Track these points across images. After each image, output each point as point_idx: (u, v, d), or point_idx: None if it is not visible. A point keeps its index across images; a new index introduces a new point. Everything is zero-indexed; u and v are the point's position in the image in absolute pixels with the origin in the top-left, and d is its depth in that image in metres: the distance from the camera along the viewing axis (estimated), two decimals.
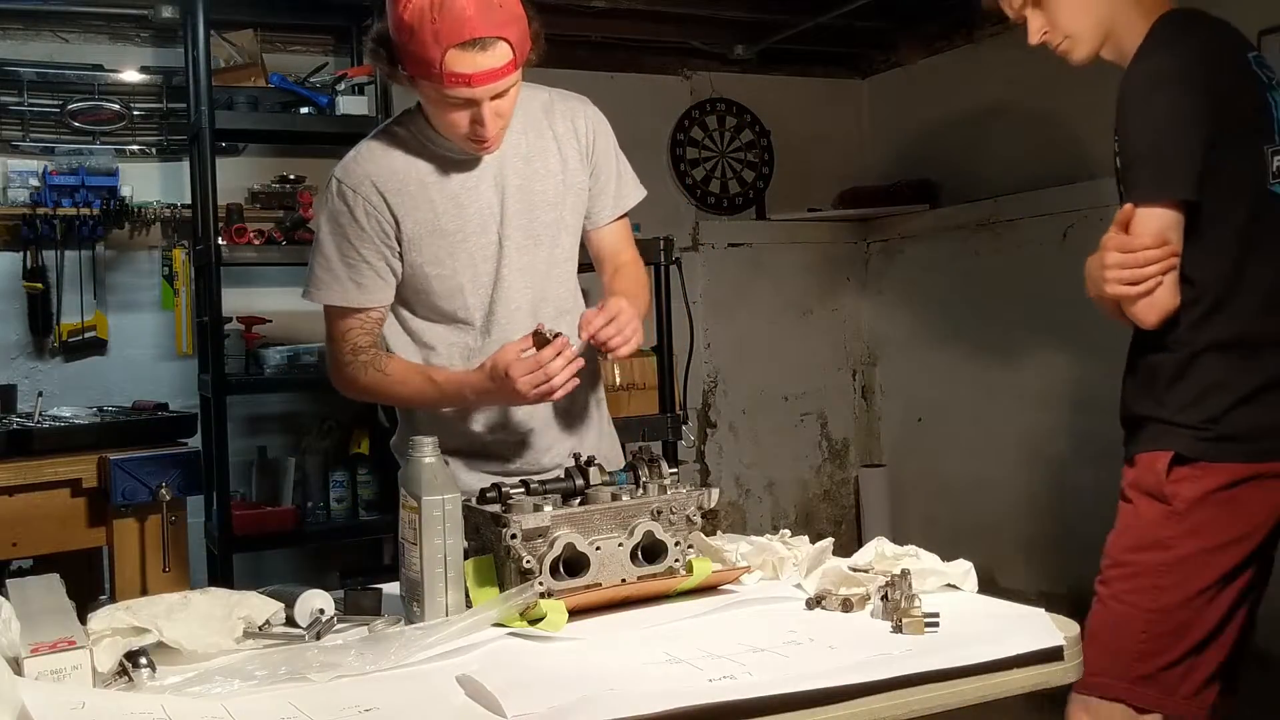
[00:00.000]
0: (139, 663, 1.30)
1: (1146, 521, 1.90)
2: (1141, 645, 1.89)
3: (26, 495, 2.51)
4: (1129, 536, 1.93)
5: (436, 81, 1.74)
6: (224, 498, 3.59)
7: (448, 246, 1.92)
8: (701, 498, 1.62)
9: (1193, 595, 1.87)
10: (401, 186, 1.91)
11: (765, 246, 5.01)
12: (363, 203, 1.89)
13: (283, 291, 4.05)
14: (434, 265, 1.93)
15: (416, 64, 1.75)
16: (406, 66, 1.78)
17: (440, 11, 1.69)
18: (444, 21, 1.69)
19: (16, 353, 3.80)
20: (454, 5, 1.69)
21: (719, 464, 4.93)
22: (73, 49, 3.90)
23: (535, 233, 1.98)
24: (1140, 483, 1.92)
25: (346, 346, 1.96)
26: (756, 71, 4.97)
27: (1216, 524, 1.86)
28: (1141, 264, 1.81)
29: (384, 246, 1.92)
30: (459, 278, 1.94)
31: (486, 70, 1.73)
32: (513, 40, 1.75)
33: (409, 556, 1.49)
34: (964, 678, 1.27)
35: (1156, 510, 1.89)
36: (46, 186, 3.74)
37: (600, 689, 1.19)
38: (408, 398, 1.99)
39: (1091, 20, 1.89)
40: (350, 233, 1.90)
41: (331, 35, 4.27)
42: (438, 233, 1.92)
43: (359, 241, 1.91)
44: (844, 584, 1.54)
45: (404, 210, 1.91)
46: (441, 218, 1.92)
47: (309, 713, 1.18)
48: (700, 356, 4.58)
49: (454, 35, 1.70)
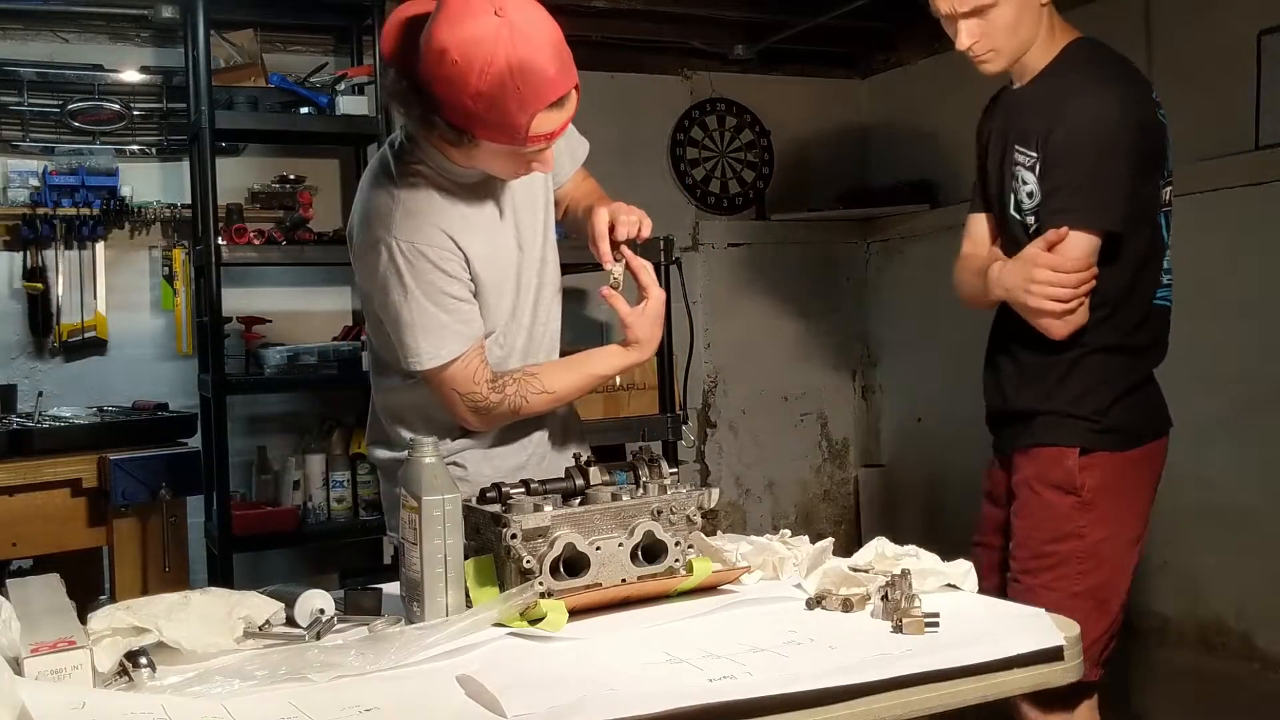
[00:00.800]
0: (139, 663, 1.30)
1: (1059, 514, 2.06)
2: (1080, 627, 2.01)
3: (26, 495, 2.51)
4: (1045, 529, 2.07)
5: (519, 144, 1.69)
6: (224, 498, 3.58)
7: (486, 261, 1.91)
8: (701, 498, 1.62)
9: (1111, 574, 2.07)
10: (459, 225, 1.87)
11: (765, 246, 5.00)
12: (440, 252, 1.84)
13: (283, 291, 4.05)
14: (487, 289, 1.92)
15: (495, 130, 1.68)
16: (478, 134, 1.70)
17: (523, 78, 1.62)
18: (529, 88, 1.63)
19: (16, 353, 3.80)
20: (535, 67, 1.63)
21: (719, 464, 4.92)
22: (73, 49, 3.90)
23: (535, 223, 2.01)
24: (1046, 476, 2.08)
25: (482, 387, 1.89)
26: (756, 71, 4.96)
27: (1119, 506, 2.07)
28: (1073, 285, 1.97)
29: (469, 282, 1.89)
30: (494, 290, 1.93)
31: (564, 122, 1.73)
32: (578, 84, 1.73)
33: (409, 556, 1.49)
34: (964, 678, 1.27)
35: (1067, 502, 2.05)
36: (46, 186, 3.74)
37: (600, 689, 1.19)
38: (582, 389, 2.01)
39: (1017, 40, 2.02)
40: (441, 284, 1.84)
41: (331, 35, 4.27)
42: (486, 256, 1.91)
43: (451, 288, 1.85)
44: (844, 584, 1.54)
45: (467, 244, 1.88)
46: (480, 239, 1.91)
47: (309, 713, 1.18)
48: (700, 356, 4.58)
49: (541, 100, 1.65)
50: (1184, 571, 3.96)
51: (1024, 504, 2.12)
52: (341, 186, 4.28)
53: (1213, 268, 3.72)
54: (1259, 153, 3.71)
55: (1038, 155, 2.03)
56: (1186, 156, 3.85)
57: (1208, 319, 3.71)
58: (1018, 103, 2.11)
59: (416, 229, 1.83)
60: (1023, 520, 2.11)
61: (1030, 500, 2.11)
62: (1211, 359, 3.75)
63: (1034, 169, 2.04)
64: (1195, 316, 3.71)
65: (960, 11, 1.98)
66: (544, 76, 1.64)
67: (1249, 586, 3.81)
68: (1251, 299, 3.72)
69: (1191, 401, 3.90)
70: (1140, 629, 4.07)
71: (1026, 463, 2.13)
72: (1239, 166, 3.74)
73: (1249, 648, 3.83)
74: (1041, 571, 2.07)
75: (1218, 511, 3.84)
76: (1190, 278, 3.63)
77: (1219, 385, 3.76)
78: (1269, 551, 3.71)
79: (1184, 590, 3.97)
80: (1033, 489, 2.10)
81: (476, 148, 1.75)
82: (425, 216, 1.84)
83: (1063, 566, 2.05)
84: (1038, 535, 2.08)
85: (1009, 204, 2.10)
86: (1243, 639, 3.85)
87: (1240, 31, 3.78)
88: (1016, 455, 2.17)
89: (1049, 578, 2.06)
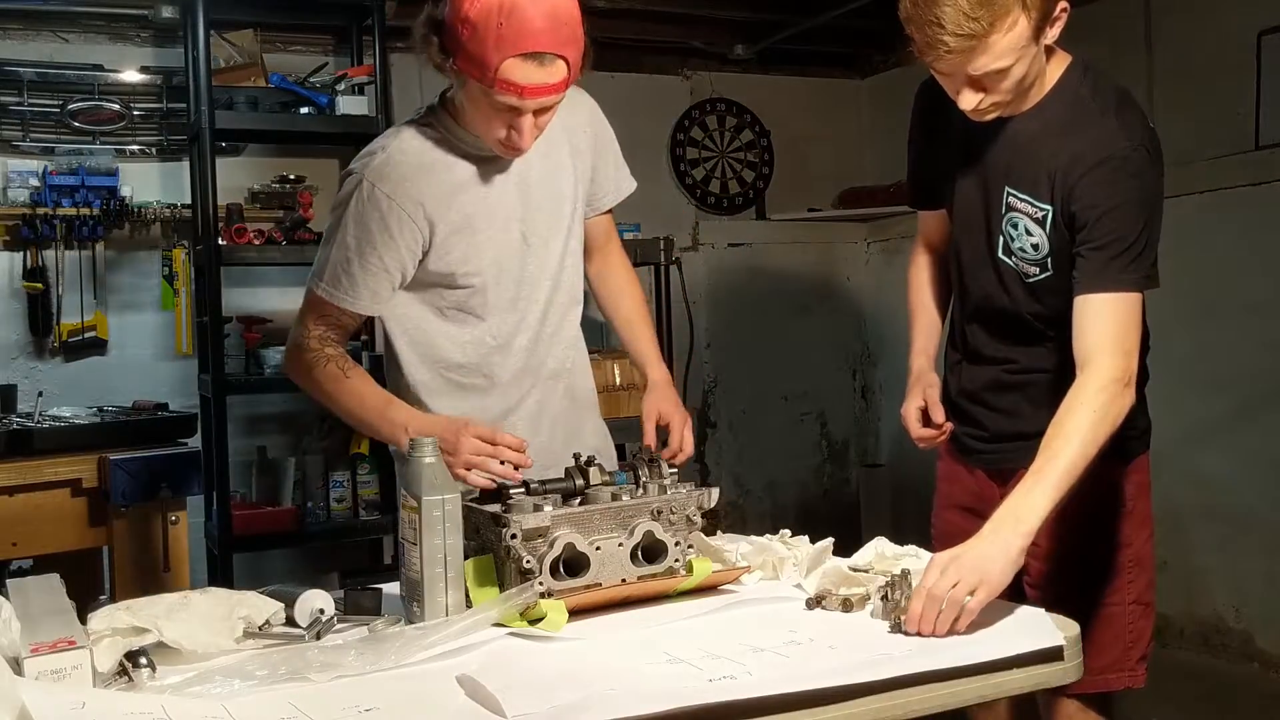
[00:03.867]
0: (139, 663, 1.30)
1: (1108, 526, 2.00)
2: (1133, 633, 1.99)
3: (26, 495, 2.51)
4: (1096, 544, 2.00)
5: (486, 84, 1.72)
6: (224, 498, 3.58)
7: (476, 245, 1.92)
8: (701, 498, 1.62)
9: (1151, 575, 2.04)
10: (437, 192, 1.88)
11: (765, 246, 5.00)
12: (398, 211, 1.85)
13: (283, 291, 4.05)
14: (462, 264, 1.91)
15: (470, 62, 1.72)
16: (458, 61, 1.74)
17: (508, 17, 1.66)
18: (510, 28, 1.66)
19: (16, 353, 3.80)
20: (524, 14, 1.66)
21: (719, 464, 4.92)
22: (73, 49, 3.90)
23: (553, 226, 1.99)
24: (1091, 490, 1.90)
25: (315, 333, 1.91)
26: (756, 71, 4.97)
27: (1147, 506, 2.03)
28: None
29: (408, 255, 1.88)
30: (484, 275, 1.93)
31: (539, 85, 1.72)
32: (570, 60, 1.73)
33: (409, 556, 1.48)
34: (964, 678, 1.27)
35: (1114, 513, 1.99)
36: (46, 186, 3.74)
37: (600, 689, 1.19)
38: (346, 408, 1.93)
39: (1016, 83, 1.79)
40: (378, 239, 1.86)
41: (331, 35, 4.27)
42: (468, 231, 1.91)
43: (385, 249, 1.86)
44: (844, 584, 1.54)
45: (439, 215, 1.88)
46: (472, 218, 1.91)
47: (309, 713, 1.18)
48: (700, 356, 4.59)
49: (516, 45, 1.68)
50: (1184, 571, 3.96)
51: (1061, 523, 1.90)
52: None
53: (1213, 268, 3.72)
54: (1259, 153, 3.71)
55: (1050, 210, 1.85)
56: (1186, 157, 3.86)
57: (1208, 319, 3.71)
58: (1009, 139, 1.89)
59: (388, 180, 1.86)
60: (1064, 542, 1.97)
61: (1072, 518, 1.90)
62: (1212, 359, 3.75)
63: (1044, 222, 1.86)
64: (1195, 316, 3.73)
65: (973, 77, 1.75)
66: (528, 25, 1.67)
67: (1249, 586, 3.81)
68: (1251, 299, 3.71)
69: (1192, 401, 3.92)
70: None
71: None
72: (1239, 166, 3.74)
73: (1249, 648, 3.83)
74: (1096, 588, 1.98)
75: (1218, 511, 3.84)
76: (1190, 278, 3.65)
77: (1219, 385, 3.76)
78: (1269, 551, 3.71)
79: (1184, 590, 3.97)
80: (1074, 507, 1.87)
81: (462, 88, 1.79)
82: (405, 175, 1.86)
83: (1117, 578, 1.99)
84: (1090, 552, 1.99)
85: (996, 246, 1.93)
86: (1243, 639, 3.86)
87: (1240, 31, 3.78)
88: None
89: (1107, 592, 1.98)
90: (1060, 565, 2.00)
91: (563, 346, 2.05)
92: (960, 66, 1.72)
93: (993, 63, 1.70)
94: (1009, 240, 1.91)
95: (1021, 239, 1.89)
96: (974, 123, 1.87)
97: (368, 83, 3.94)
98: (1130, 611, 1.98)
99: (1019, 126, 1.87)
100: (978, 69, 1.72)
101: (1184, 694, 3.66)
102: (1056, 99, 1.85)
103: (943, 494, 2.22)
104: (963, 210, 1.99)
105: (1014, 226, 1.90)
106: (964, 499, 2.14)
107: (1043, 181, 1.84)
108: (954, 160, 1.99)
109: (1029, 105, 1.86)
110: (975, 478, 2.12)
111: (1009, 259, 1.92)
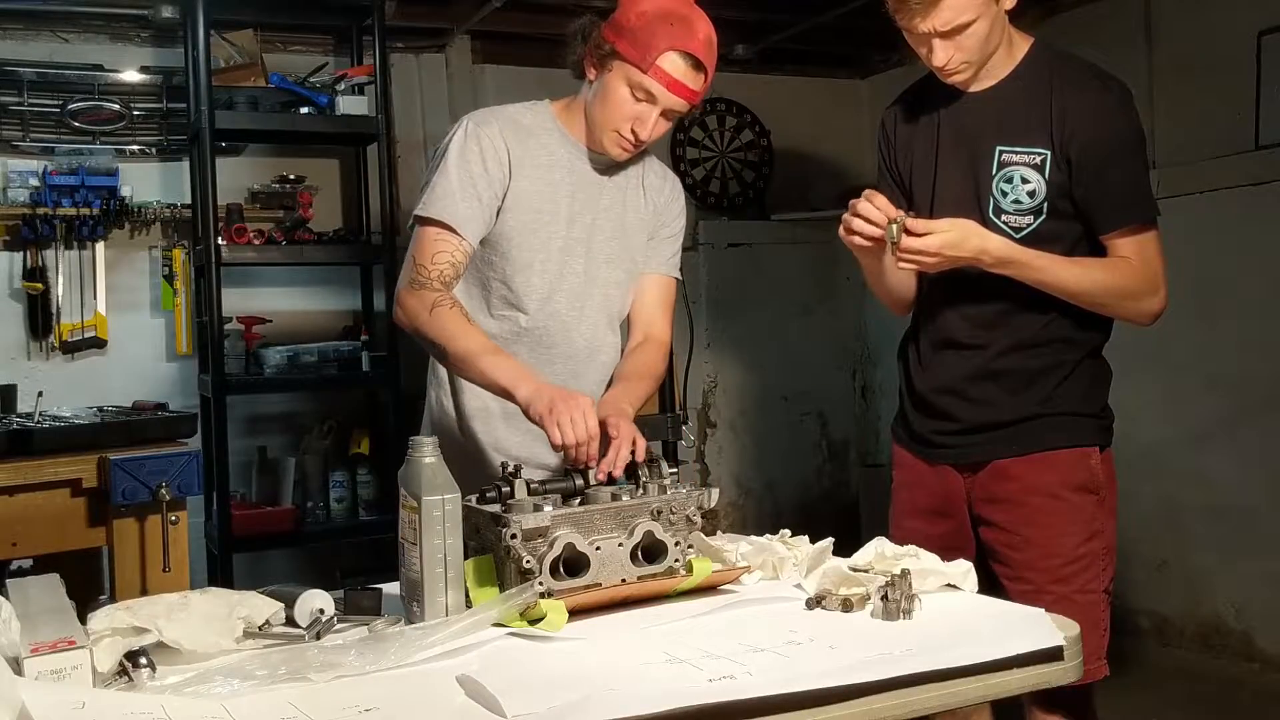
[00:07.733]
0: (139, 663, 1.30)
1: (1086, 515, 2.04)
2: (1103, 623, 2.04)
3: (26, 495, 2.51)
4: (1075, 533, 2.03)
5: (644, 68, 1.92)
6: (224, 498, 3.59)
7: (534, 222, 2.04)
8: (701, 498, 1.62)
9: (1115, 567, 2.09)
10: (524, 152, 2.04)
11: (765, 246, 5.01)
12: (492, 148, 2.02)
13: (283, 291, 4.05)
14: (518, 233, 2.04)
15: (634, 46, 1.93)
16: (619, 45, 1.94)
17: (680, 20, 1.93)
18: (680, 28, 1.93)
19: (16, 353, 3.80)
20: (693, 25, 1.94)
21: (719, 464, 4.93)
22: (73, 49, 3.91)
23: (610, 249, 2.12)
24: (1070, 479, 2.04)
25: (434, 270, 1.98)
26: (756, 71, 4.97)
27: (1113, 499, 2.09)
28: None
29: (499, 189, 2.03)
30: (533, 254, 2.05)
31: (683, 85, 1.95)
32: (707, 81, 1.98)
33: (409, 556, 1.48)
34: (964, 678, 1.27)
35: (1090, 502, 2.04)
36: (46, 186, 3.74)
37: (600, 689, 1.19)
38: (456, 351, 1.91)
39: (988, 51, 2.01)
40: (475, 169, 2.01)
41: (331, 35, 4.28)
42: (535, 204, 2.04)
43: (480, 179, 2.01)
44: (844, 584, 1.54)
45: (521, 169, 2.03)
46: (543, 194, 2.05)
47: (309, 713, 1.18)
48: (700, 356, 4.58)
49: (682, 42, 1.92)
50: (1184, 571, 3.97)
51: (1042, 511, 2.03)
52: (341, 186, 4.28)
53: (1213, 268, 3.73)
54: (1259, 153, 3.71)
55: (1049, 153, 1.98)
56: (1186, 156, 3.86)
57: (1208, 319, 3.71)
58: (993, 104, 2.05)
59: (488, 124, 2.04)
60: (1044, 529, 2.03)
61: (1052, 506, 2.03)
62: (1212, 359, 3.75)
63: (1042, 167, 1.99)
64: (1195, 316, 3.73)
65: (940, 31, 1.95)
66: (695, 34, 1.94)
67: (1249, 586, 3.81)
68: (1252, 299, 3.72)
69: (1192, 401, 3.92)
70: (1140, 629, 4.08)
71: (1036, 469, 2.04)
72: (1239, 166, 3.74)
73: (1249, 648, 3.83)
74: (1074, 577, 2.01)
75: (1218, 511, 3.84)
76: (1190, 278, 3.64)
77: (1219, 385, 3.76)
78: (1269, 551, 3.71)
79: (1184, 590, 3.98)
80: (1055, 494, 2.03)
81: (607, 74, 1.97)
82: (503, 125, 2.05)
83: (1092, 568, 2.03)
84: (1069, 541, 2.02)
85: (986, 209, 2.02)
86: (1243, 639, 3.86)
87: (1240, 31, 3.78)
88: (1007, 463, 2.05)
89: (1082, 582, 2.01)
90: (1037, 555, 2.04)
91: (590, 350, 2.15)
92: (929, 22, 1.94)
93: (957, 17, 1.92)
94: (998, 200, 2.03)
95: (1016, 190, 2.02)
96: (954, 106, 2.07)
97: (368, 83, 3.94)
98: (1101, 600, 2.02)
99: (1003, 88, 2.05)
100: (944, 23, 1.93)
101: (1184, 694, 3.66)
102: (1033, 63, 2.05)
103: (902, 502, 2.23)
104: (946, 192, 2.09)
105: (1007, 181, 2.03)
106: (927, 502, 2.16)
107: (1036, 128, 2.01)
108: (929, 157, 2.12)
109: (1005, 74, 2.05)
110: (940, 474, 2.14)
111: (998, 219, 2.02)
